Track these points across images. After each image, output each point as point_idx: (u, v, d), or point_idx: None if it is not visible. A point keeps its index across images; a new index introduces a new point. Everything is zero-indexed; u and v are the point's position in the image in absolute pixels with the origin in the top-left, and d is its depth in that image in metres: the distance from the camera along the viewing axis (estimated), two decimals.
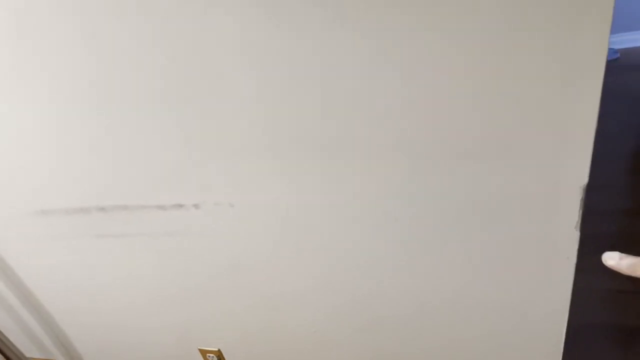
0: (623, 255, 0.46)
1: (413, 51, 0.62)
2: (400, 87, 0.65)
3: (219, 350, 1.11)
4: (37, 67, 0.75)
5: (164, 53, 0.69)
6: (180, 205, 0.87)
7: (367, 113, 0.69)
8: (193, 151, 0.80)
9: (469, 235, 0.76)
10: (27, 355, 1.36)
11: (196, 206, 0.86)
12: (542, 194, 0.70)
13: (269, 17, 0.63)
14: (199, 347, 1.13)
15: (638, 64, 2.56)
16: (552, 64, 0.60)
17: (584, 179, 0.67)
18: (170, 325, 1.12)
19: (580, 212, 0.70)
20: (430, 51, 0.61)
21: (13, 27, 0.72)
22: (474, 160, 0.68)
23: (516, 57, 0.60)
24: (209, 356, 1.11)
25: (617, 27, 2.57)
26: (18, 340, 1.32)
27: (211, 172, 0.81)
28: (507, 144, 0.67)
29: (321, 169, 0.76)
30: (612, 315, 1.42)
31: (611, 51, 2.56)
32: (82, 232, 0.98)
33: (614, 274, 0.48)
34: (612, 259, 0.46)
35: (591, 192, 0.71)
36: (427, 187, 0.73)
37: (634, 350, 1.31)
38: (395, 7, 0.59)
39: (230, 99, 0.72)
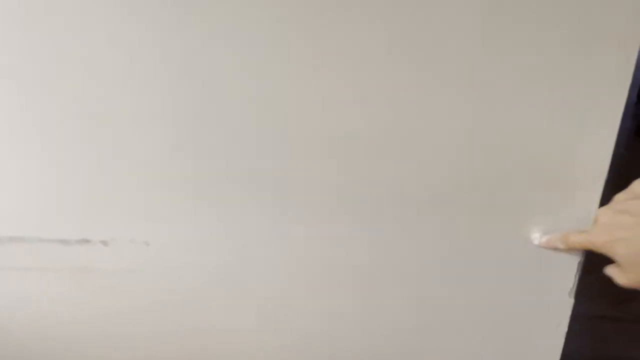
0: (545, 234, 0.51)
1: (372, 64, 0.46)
2: (359, 114, 0.49)
3: None
4: None
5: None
6: (86, 241, 0.71)
7: (314, 142, 0.55)
8: (102, 180, 0.65)
9: (446, 299, 0.62)
10: None
11: (104, 243, 0.70)
12: (533, 254, 0.55)
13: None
14: None
15: None
16: (554, 97, 0.45)
17: None
18: None
19: (577, 277, 0.56)
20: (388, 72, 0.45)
21: None
22: (453, 213, 0.53)
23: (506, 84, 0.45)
24: None
25: None
26: None
27: (124, 205, 0.66)
28: (492, 194, 0.52)
29: (258, 209, 0.63)
30: (589, 345, 1.31)
31: None
32: None
33: (593, 299, 0.51)
34: (536, 239, 0.52)
35: None
36: (392, 240, 0.58)
37: None
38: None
39: (145, 117, 0.58)
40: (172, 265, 0.70)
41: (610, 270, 0.47)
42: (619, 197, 0.46)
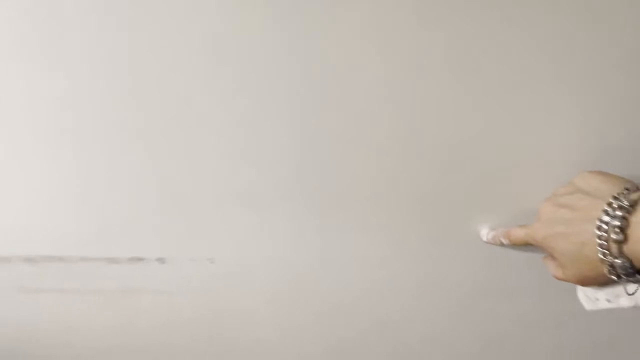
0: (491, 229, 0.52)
1: None
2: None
3: None
4: None
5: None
6: (140, 259, 0.64)
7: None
8: (157, 192, 0.59)
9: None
10: None
11: (161, 260, 0.64)
12: None
13: None
14: None
15: None
16: None
17: None
18: None
19: None
20: None
21: None
22: None
23: None
24: None
25: None
26: None
27: (185, 219, 0.61)
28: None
29: (333, 222, 0.58)
30: None
31: None
32: (2, 285, 0.72)
33: None
34: (483, 235, 0.53)
35: None
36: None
37: None
38: None
39: (204, 127, 0.54)
40: (238, 284, 0.64)
41: (546, 262, 0.45)
42: (560, 190, 0.44)
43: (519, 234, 0.47)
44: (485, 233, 0.52)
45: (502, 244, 0.50)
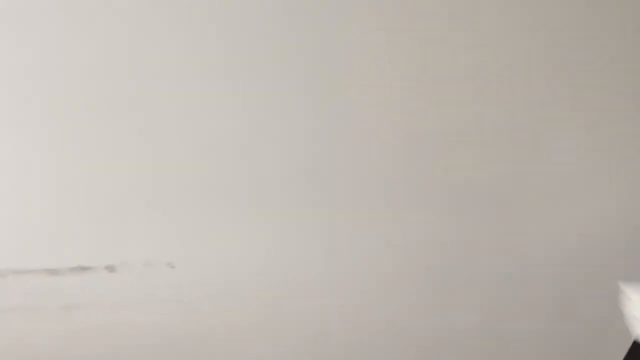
0: None
1: None
2: None
3: None
4: None
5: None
6: (84, 268, 0.56)
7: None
8: (107, 192, 0.51)
9: None
10: None
11: (110, 268, 0.56)
12: None
13: None
14: None
15: None
16: None
17: None
18: None
19: None
20: None
21: None
22: None
23: None
24: None
25: None
26: None
27: (138, 221, 0.52)
28: None
29: (305, 216, 0.57)
30: None
31: None
32: None
33: None
34: None
35: None
36: None
37: None
38: None
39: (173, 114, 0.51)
40: (202, 292, 0.56)
41: None
42: None
43: None
44: None
45: None
